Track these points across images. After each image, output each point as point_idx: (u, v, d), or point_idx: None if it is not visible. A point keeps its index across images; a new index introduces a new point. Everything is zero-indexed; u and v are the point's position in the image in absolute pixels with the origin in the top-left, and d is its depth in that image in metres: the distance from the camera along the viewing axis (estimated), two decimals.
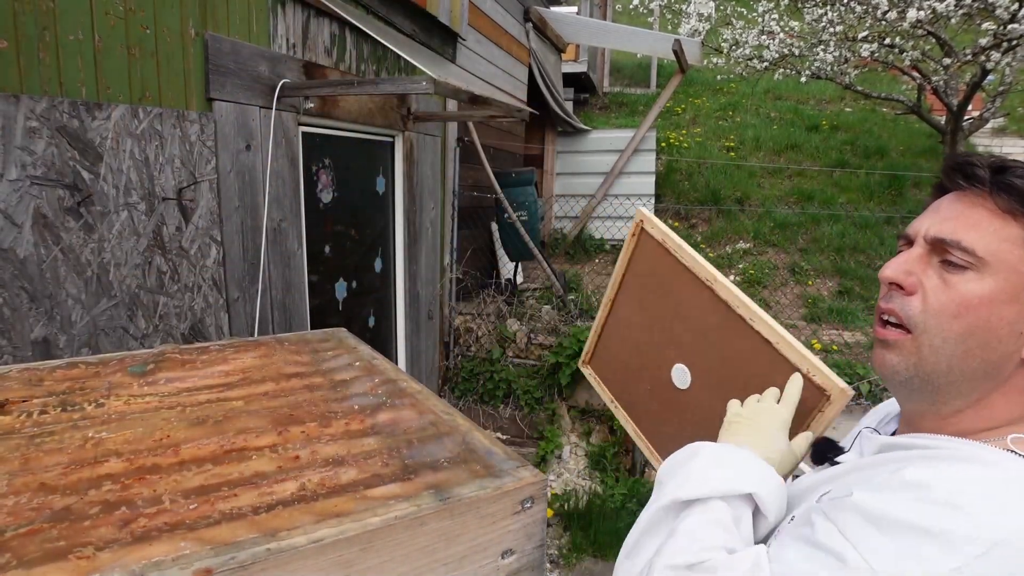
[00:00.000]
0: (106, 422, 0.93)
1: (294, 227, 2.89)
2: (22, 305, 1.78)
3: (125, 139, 2.03)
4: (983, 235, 0.67)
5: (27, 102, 1.74)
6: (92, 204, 1.95)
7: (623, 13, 11.57)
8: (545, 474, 1.99)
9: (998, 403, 0.69)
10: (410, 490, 0.76)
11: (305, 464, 0.82)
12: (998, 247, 0.66)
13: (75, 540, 0.64)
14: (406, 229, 3.95)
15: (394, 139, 3.79)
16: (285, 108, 2.74)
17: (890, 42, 6.59)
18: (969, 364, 0.68)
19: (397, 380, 1.14)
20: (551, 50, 7.23)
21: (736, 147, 8.64)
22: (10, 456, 0.81)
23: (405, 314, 4.06)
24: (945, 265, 0.69)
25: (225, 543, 0.64)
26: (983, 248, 0.67)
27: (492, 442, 0.90)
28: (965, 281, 0.67)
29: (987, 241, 0.67)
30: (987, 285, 0.66)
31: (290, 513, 0.70)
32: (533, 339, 4.60)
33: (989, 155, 0.74)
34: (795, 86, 10.16)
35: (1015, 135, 9.12)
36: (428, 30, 4.04)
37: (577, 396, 4.46)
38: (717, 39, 7.92)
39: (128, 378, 1.11)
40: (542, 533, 0.82)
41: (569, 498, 3.81)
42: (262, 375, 1.15)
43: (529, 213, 5.38)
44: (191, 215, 2.32)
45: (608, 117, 9.80)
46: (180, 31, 2.20)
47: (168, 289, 2.25)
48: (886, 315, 0.73)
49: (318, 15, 2.97)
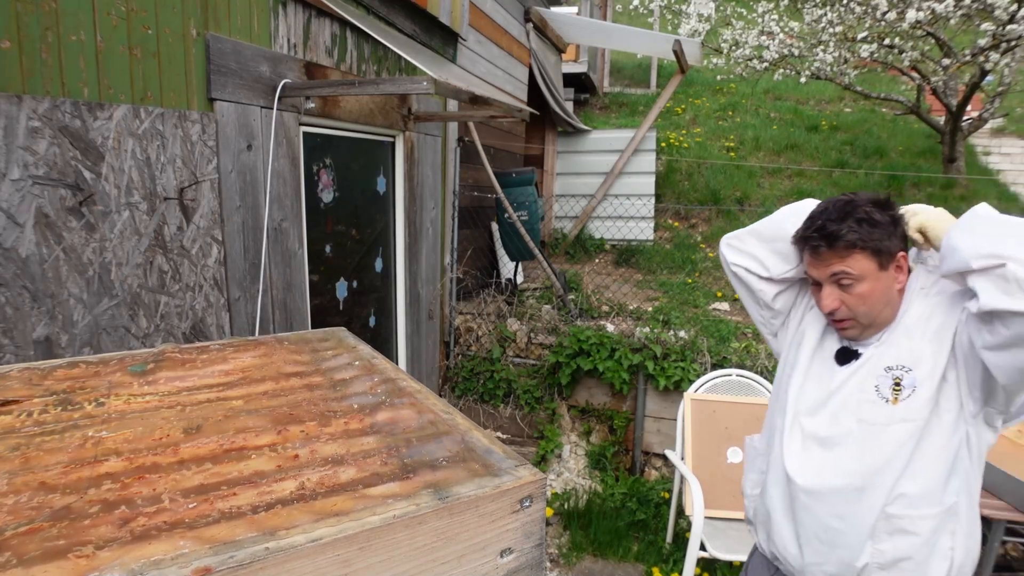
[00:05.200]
0: (106, 421, 0.93)
1: (295, 227, 2.90)
2: (24, 304, 1.79)
3: (127, 139, 2.04)
4: (850, 264, 1.34)
5: (29, 102, 1.74)
6: (94, 204, 1.96)
7: (623, 13, 11.58)
8: (545, 473, 2.00)
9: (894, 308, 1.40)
10: (409, 489, 0.76)
11: (304, 463, 0.82)
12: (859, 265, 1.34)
13: (75, 539, 0.64)
14: (407, 229, 3.95)
15: (395, 139, 3.79)
16: (286, 108, 2.75)
17: (889, 43, 6.59)
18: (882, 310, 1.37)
19: (397, 379, 1.14)
20: (551, 50, 7.23)
21: (736, 147, 8.64)
22: (10, 455, 0.82)
23: (405, 314, 4.06)
24: (843, 286, 1.36)
25: (224, 542, 0.64)
26: (856, 268, 1.34)
27: (491, 441, 0.90)
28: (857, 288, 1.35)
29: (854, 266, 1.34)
30: (865, 283, 1.35)
31: (289, 512, 0.70)
32: (533, 339, 4.61)
33: (826, 214, 1.37)
34: (795, 86, 10.16)
35: (1014, 135, 9.12)
36: (429, 30, 4.04)
37: (577, 395, 4.46)
38: (717, 39, 7.93)
39: (128, 377, 1.11)
40: (541, 532, 0.82)
41: (569, 497, 3.81)
42: (262, 374, 1.15)
43: (529, 213, 5.38)
44: (192, 215, 2.32)
45: (608, 117, 9.80)
46: (182, 31, 2.21)
47: (169, 288, 2.26)
48: (839, 319, 1.40)
49: (319, 15, 2.97)
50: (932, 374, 1.31)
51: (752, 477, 1.66)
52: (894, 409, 1.33)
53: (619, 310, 4.95)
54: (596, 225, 7.22)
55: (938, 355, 1.31)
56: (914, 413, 1.31)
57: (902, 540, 1.33)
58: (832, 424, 1.40)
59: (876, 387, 1.36)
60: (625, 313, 4.90)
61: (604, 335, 4.31)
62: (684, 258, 6.57)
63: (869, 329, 1.39)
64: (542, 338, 4.58)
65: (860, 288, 1.34)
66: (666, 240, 7.11)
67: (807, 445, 1.43)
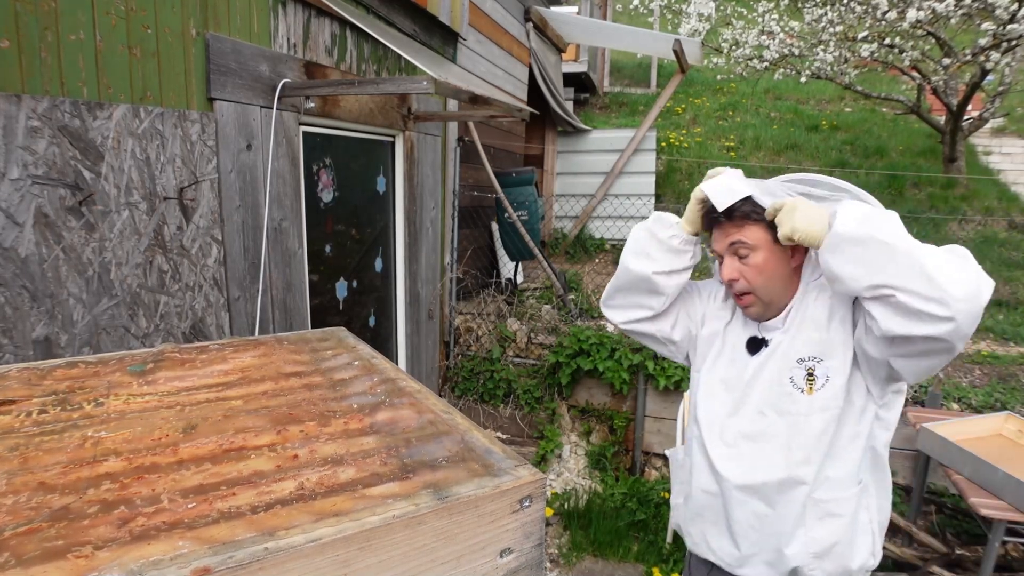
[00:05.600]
0: (105, 421, 0.93)
1: (295, 226, 2.89)
2: (23, 304, 1.79)
3: (126, 139, 2.04)
4: (746, 235, 1.40)
5: (29, 102, 1.74)
6: (93, 203, 1.95)
7: (623, 13, 11.57)
8: (545, 473, 2.00)
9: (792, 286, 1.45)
10: (409, 489, 0.76)
11: (304, 463, 0.82)
12: (754, 235, 1.39)
13: (74, 539, 0.64)
14: (406, 228, 3.95)
15: (395, 139, 3.79)
16: (286, 108, 2.74)
17: (890, 42, 6.58)
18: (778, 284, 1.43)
19: (396, 379, 1.14)
20: (551, 50, 7.23)
21: (736, 147, 8.64)
22: (9, 455, 0.82)
23: (405, 313, 4.06)
24: (740, 257, 1.42)
25: (223, 542, 0.64)
26: (751, 239, 1.40)
27: (491, 441, 0.90)
28: (754, 258, 1.41)
29: (749, 236, 1.40)
30: (760, 254, 1.40)
31: (288, 512, 0.70)
32: (533, 339, 4.61)
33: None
34: (795, 86, 10.16)
35: (1014, 135, 9.11)
36: (429, 30, 4.04)
37: (577, 396, 4.46)
38: (717, 39, 7.92)
39: (127, 377, 1.11)
40: (541, 532, 0.82)
41: (569, 497, 3.81)
42: (261, 374, 1.15)
43: (529, 213, 5.38)
44: (192, 214, 2.32)
45: (608, 117, 9.80)
46: (181, 31, 2.20)
47: (169, 288, 2.26)
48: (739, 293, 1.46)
49: (319, 15, 2.97)
50: (843, 365, 1.37)
51: (676, 488, 1.73)
52: (811, 399, 1.39)
53: None
54: (596, 225, 7.21)
55: (846, 345, 1.37)
56: (831, 402, 1.38)
57: (832, 523, 1.41)
58: (756, 420, 1.46)
59: (791, 379, 1.42)
60: None
61: (604, 335, 4.31)
62: None
63: (770, 308, 1.45)
64: (542, 338, 4.58)
65: (756, 259, 1.40)
66: None
67: (734, 442, 1.48)
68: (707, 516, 1.56)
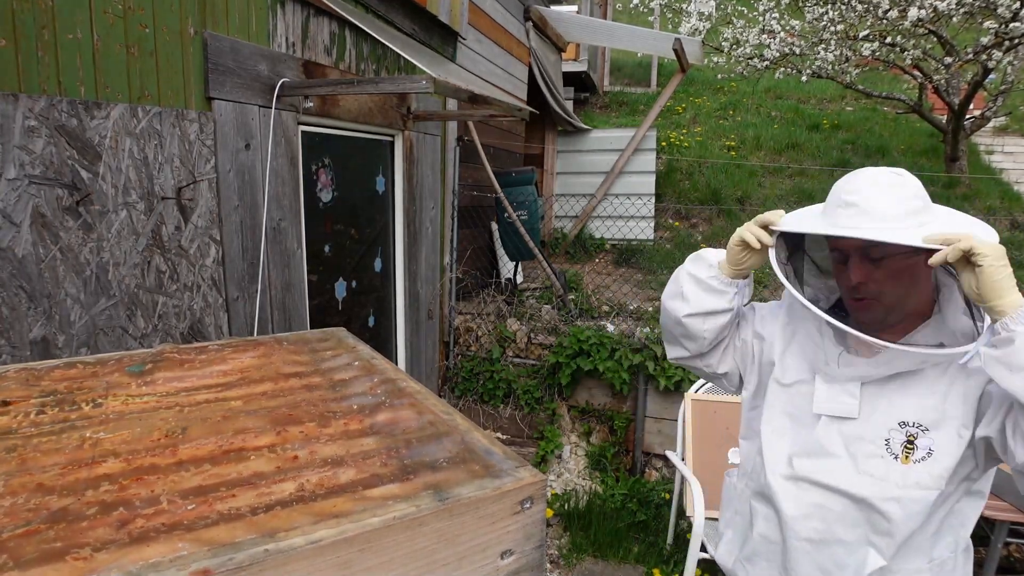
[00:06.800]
0: (104, 422, 0.92)
1: (294, 226, 2.89)
2: (21, 305, 1.78)
3: (124, 138, 2.03)
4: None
5: (25, 101, 1.73)
6: (91, 203, 1.95)
7: (623, 12, 11.56)
8: (545, 474, 2.00)
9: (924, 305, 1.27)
10: (409, 490, 0.75)
11: (304, 464, 0.82)
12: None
13: (72, 541, 0.64)
14: (406, 228, 3.94)
15: (394, 138, 3.79)
16: (285, 107, 2.74)
17: (891, 41, 6.57)
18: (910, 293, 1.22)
19: (396, 380, 1.13)
20: (551, 49, 7.22)
21: (737, 146, 8.64)
22: (7, 456, 0.81)
23: (405, 314, 4.06)
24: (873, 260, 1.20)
25: (223, 544, 0.63)
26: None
27: (491, 442, 0.90)
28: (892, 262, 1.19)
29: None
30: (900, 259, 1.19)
31: (288, 514, 0.69)
32: (533, 339, 4.60)
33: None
34: (796, 85, 10.15)
35: (1017, 134, 9.11)
36: (428, 29, 4.03)
37: (577, 396, 4.45)
38: (718, 38, 7.92)
39: (126, 378, 1.10)
40: (542, 533, 0.82)
41: (569, 498, 3.81)
42: (260, 375, 1.14)
43: (529, 212, 5.37)
44: (190, 214, 2.31)
45: (608, 116, 9.80)
46: (179, 30, 2.20)
47: (167, 289, 2.25)
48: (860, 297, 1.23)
49: (318, 14, 2.96)
50: (956, 445, 1.18)
51: (727, 516, 1.56)
52: (906, 470, 1.20)
53: (619, 310, 4.94)
54: (596, 225, 7.21)
55: (964, 425, 1.18)
56: (931, 481, 1.19)
57: None
58: (834, 472, 1.26)
59: (887, 441, 1.22)
60: (625, 313, 4.89)
61: (604, 335, 4.30)
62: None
63: (891, 315, 1.22)
64: (542, 338, 4.58)
65: (895, 263, 1.17)
66: (667, 240, 7.11)
67: (805, 488, 1.30)
68: (762, 559, 1.41)
